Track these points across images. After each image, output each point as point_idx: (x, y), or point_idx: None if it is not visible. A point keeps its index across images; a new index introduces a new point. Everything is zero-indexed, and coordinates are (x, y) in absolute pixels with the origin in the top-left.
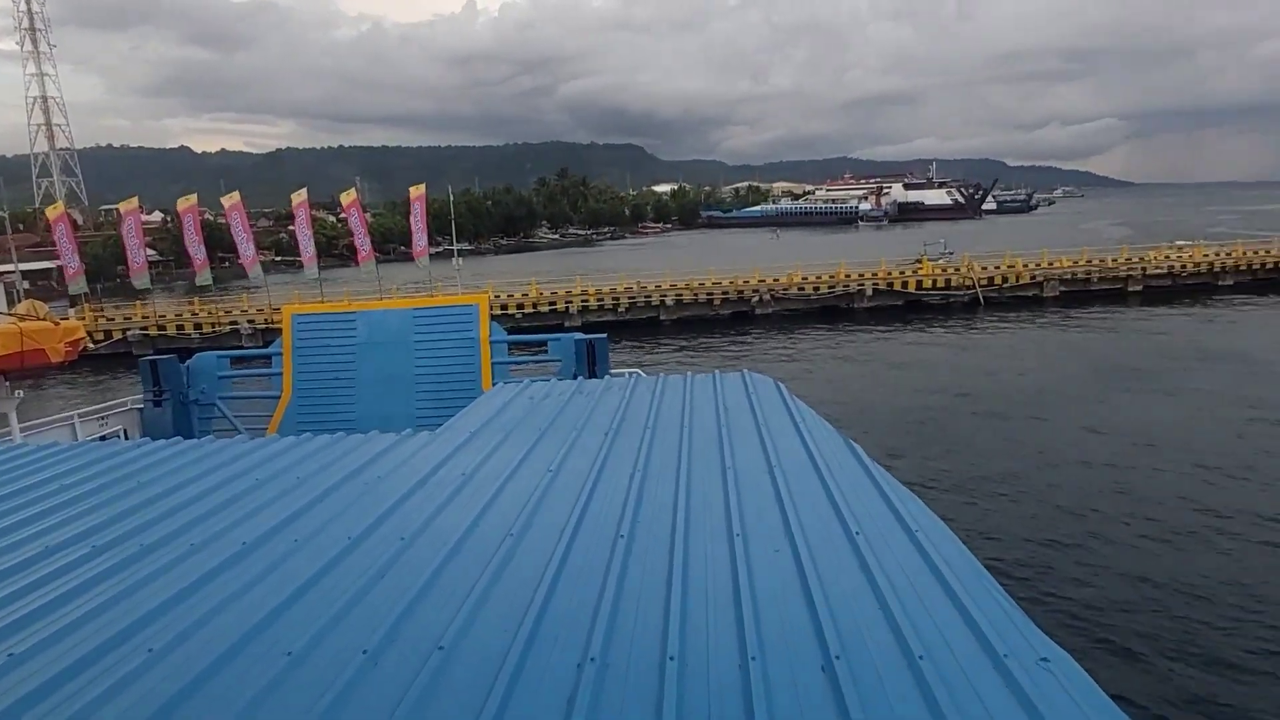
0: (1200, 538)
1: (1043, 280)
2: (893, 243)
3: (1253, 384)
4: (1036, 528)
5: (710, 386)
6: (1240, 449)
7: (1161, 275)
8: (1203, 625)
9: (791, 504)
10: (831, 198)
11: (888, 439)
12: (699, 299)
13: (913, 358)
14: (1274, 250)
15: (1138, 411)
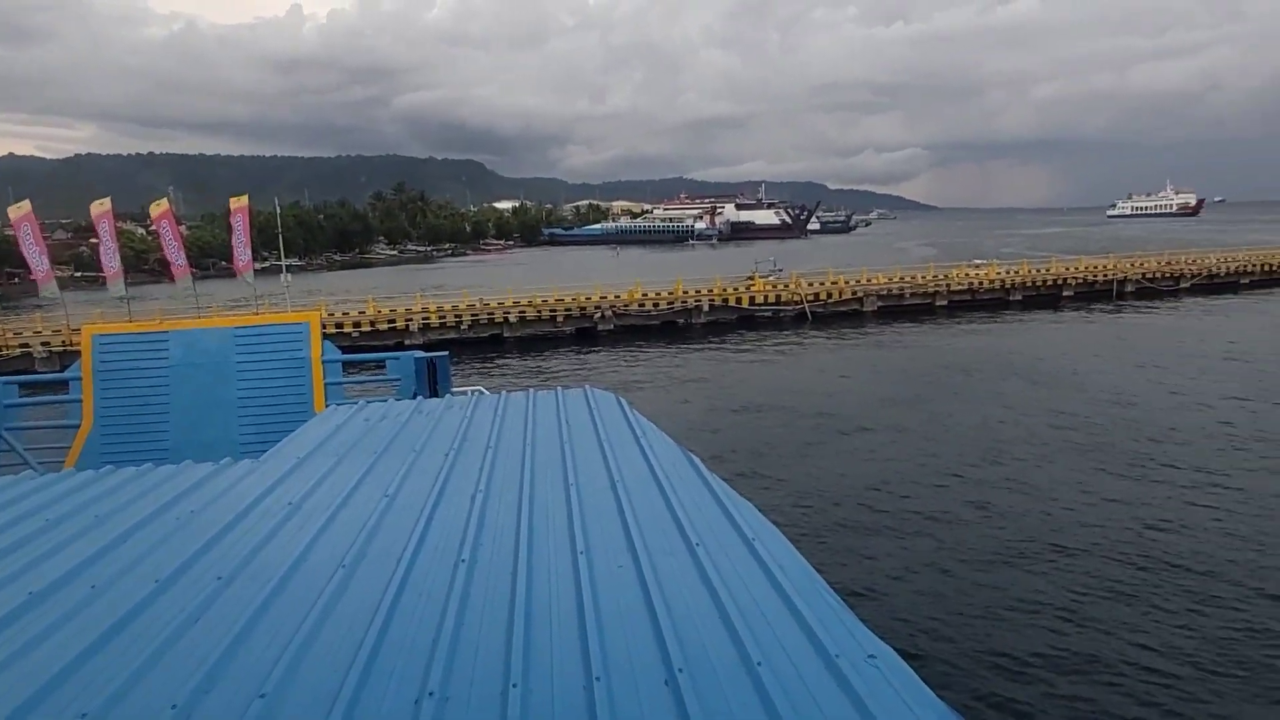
0: (997, 532)
1: (862, 296)
2: (727, 260)
3: (1041, 389)
4: (862, 527)
5: (553, 403)
6: (1030, 445)
7: (963, 291)
8: (1000, 622)
9: (634, 518)
10: (669, 217)
11: (726, 449)
12: (542, 316)
13: (748, 370)
14: (1053, 269)
15: (949, 413)
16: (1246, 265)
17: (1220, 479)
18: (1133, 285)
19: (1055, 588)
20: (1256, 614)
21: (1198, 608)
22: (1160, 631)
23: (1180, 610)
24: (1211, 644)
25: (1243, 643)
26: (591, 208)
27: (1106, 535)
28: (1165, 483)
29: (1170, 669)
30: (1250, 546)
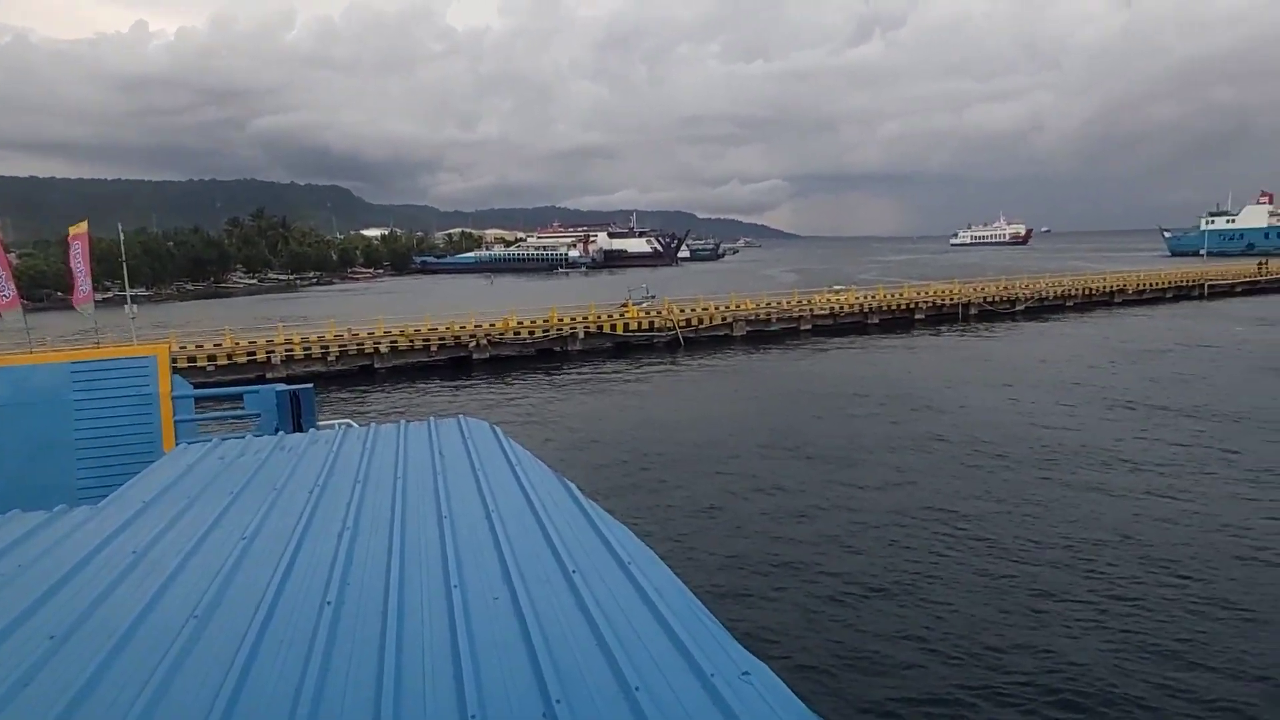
0: (864, 539)
1: (732, 321)
2: (601, 288)
3: (898, 405)
4: (733, 545)
5: (426, 434)
6: (889, 458)
7: (825, 315)
8: (872, 628)
9: (510, 548)
10: (542, 245)
11: (604, 474)
12: (415, 346)
13: (625, 396)
14: (905, 294)
15: (819, 430)
16: (1071, 289)
17: (1060, 480)
18: (976, 308)
19: (922, 600)
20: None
21: (1046, 590)
22: (1023, 626)
23: (1033, 596)
24: (1066, 627)
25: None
26: (464, 235)
27: (962, 531)
28: (1009, 482)
29: (1026, 666)
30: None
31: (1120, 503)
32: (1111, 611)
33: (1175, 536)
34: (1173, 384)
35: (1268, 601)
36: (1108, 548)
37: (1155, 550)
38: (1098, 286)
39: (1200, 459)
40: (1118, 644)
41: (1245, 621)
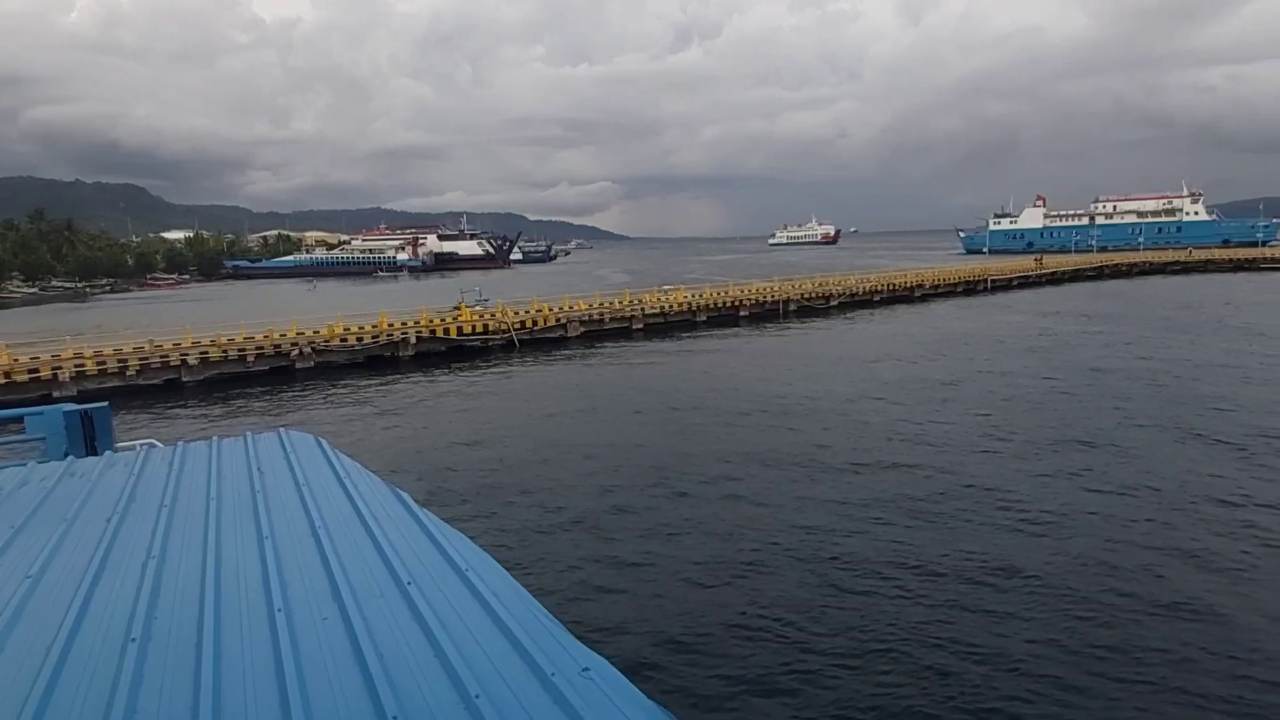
0: (698, 533)
1: (566, 321)
2: (432, 291)
3: (728, 399)
4: (574, 543)
5: (242, 450)
6: (721, 448)
7: (656, 315)
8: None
9: (339, 564)
10: (369, 248)
11: (441, 481)
12: (230, 356)
13: (461, 400)
14: (731, 292)
15: (654, 426)
16: (878, 285)
17: (881, 464)
18: (795, 304)
19: (752, 588)
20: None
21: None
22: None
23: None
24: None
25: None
26: (282, 238)
27: (788, 518)
28: (827, 465)
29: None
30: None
31: (918, 475)
32: (913, 579)
33: (955, 505)
34: (964, 369)
35: (1011, 548)
36: (907, 518)
37: (933, 512)
38: (900, 282)
39: (990, 435)
40: (931, 611)
41: (1006, 578)
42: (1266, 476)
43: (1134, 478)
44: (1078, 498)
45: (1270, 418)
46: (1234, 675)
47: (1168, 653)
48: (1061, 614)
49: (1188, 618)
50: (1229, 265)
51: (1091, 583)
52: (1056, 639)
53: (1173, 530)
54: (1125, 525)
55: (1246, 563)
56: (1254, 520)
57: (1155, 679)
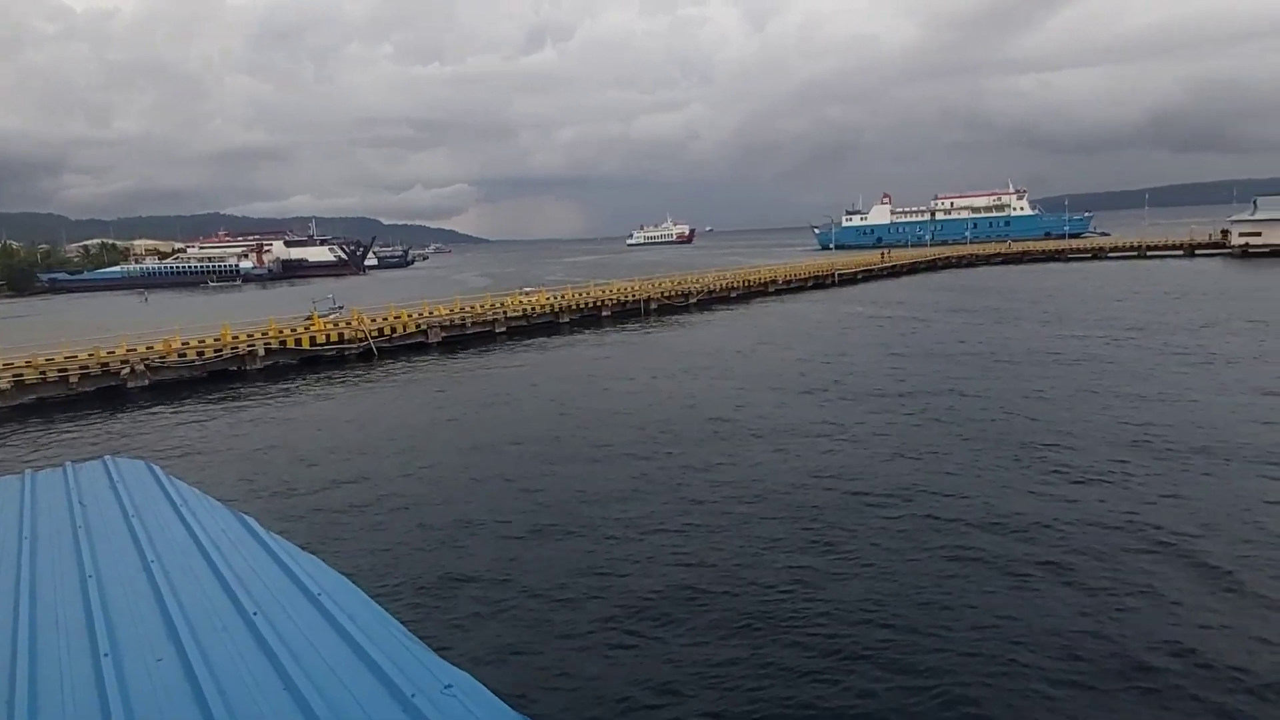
0: (581, 536)
1: (427, 328)
2: (281, 301)
3: (602, 399)
4: (438, 557)
5: (61, 482)
6: (596, 452)
7: (519, 317)
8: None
9: (175, 600)
10: (208, 256)
11: (294, 503)
12: (48, 378)
13: (315, 414)
14: (593, 293)
15: (519, 429)
16: (734, 282)
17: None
18: (656, 303)
19: (622, 590)
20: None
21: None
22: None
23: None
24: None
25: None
26: (106, 247)
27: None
28: (692, 458)
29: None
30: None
31: (778, 457)
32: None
33: (789, 481)
34: (813, 357)
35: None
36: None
37: (788, 491)
38: (755, 279)
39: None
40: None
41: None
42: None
43: (964, 451)
44: (908, 467)
45: (1071, 391)
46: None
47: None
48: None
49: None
50: (1043, 256)
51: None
52: (877, 596)
53: (989, 486)
54: (953, 496)
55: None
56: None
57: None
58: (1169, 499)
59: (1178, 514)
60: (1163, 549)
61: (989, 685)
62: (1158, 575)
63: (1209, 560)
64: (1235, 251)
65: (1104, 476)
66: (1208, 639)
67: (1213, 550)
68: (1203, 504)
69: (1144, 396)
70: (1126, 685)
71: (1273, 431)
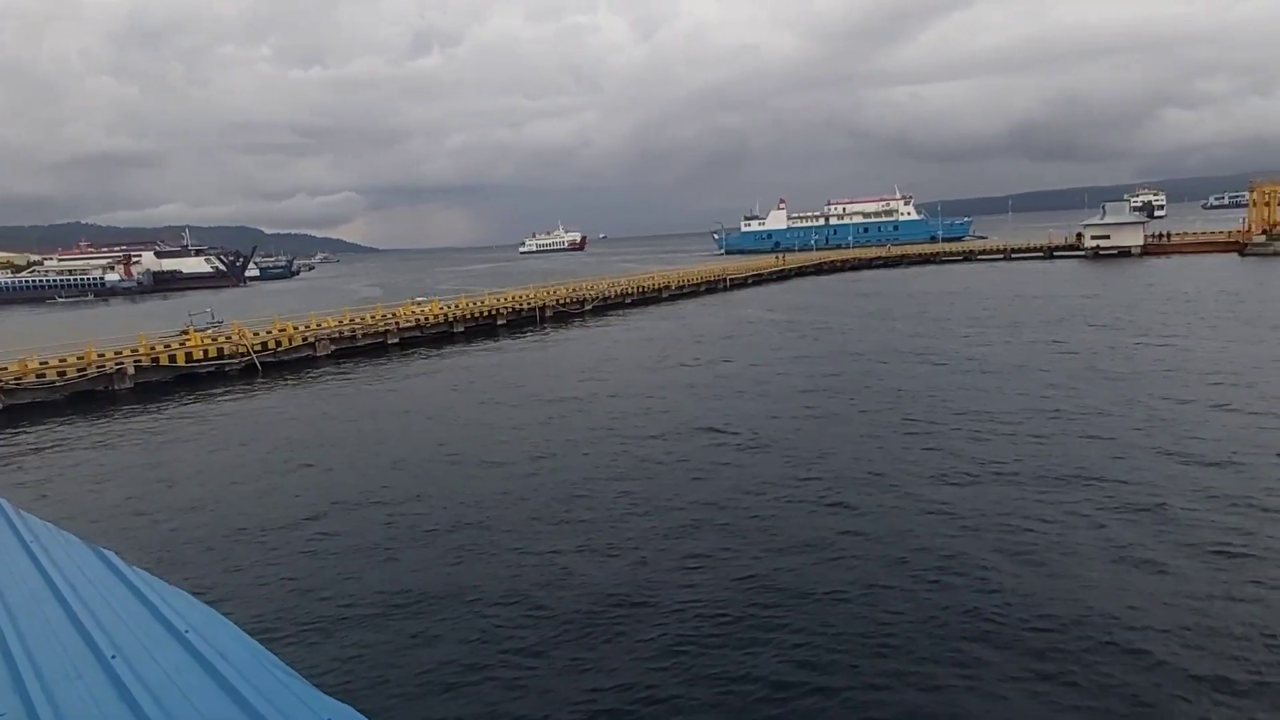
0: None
1: (314, 340)
2: (152, 315)
3: (500, 412)
4: (319, 584)
5: None
6: (497, 471)
7: (412, 328)
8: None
9: (21, 647)
10: (68, 268)
11: (163, 534)
12: None
13: (192, 435)
14: (487, 301)
15: (414, 444)
16: (629, 289)
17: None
18: (551, 310)
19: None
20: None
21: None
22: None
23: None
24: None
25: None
26: None
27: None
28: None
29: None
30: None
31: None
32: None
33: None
34: (705, 361)
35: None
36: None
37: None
38: (649, 285)
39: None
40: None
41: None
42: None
43: (829, 440)
44: (772, 460)
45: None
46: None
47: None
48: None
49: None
50: (919, 259)
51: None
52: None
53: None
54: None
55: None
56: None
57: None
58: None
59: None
60: (949, 511)
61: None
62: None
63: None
64: (1088, 254)
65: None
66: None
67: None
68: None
69: (999, 388)
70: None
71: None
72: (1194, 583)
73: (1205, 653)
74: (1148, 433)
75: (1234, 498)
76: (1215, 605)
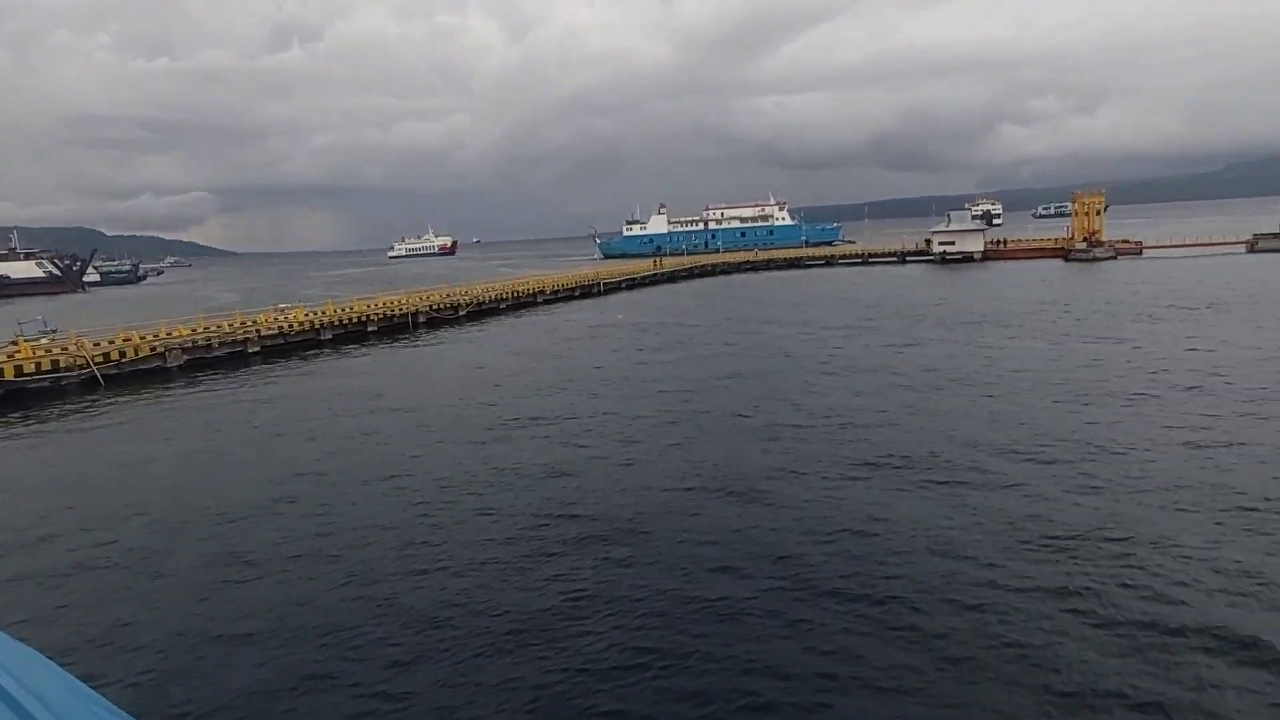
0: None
1: (165, 350)
2: None
3: (356, 419)
4: (149, 617)
5: None
6: (356, 471)
7: (275, 335)
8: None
9: None
10: None
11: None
12: None
13: (20, 456)
14: (356, 307)
15: (273, 466)
16: (504, 293)
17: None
18: (424, 316)
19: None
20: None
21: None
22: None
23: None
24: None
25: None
26: None
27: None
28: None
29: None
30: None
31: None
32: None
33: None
34: (578, 364)
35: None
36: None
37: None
38: (524, 289)
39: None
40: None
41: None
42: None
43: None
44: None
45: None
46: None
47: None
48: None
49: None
50: (785, 264)
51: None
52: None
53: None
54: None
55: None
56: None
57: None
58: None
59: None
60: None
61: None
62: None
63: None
64: (937, 258)
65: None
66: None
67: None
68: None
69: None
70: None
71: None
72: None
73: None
74: (993, 429)
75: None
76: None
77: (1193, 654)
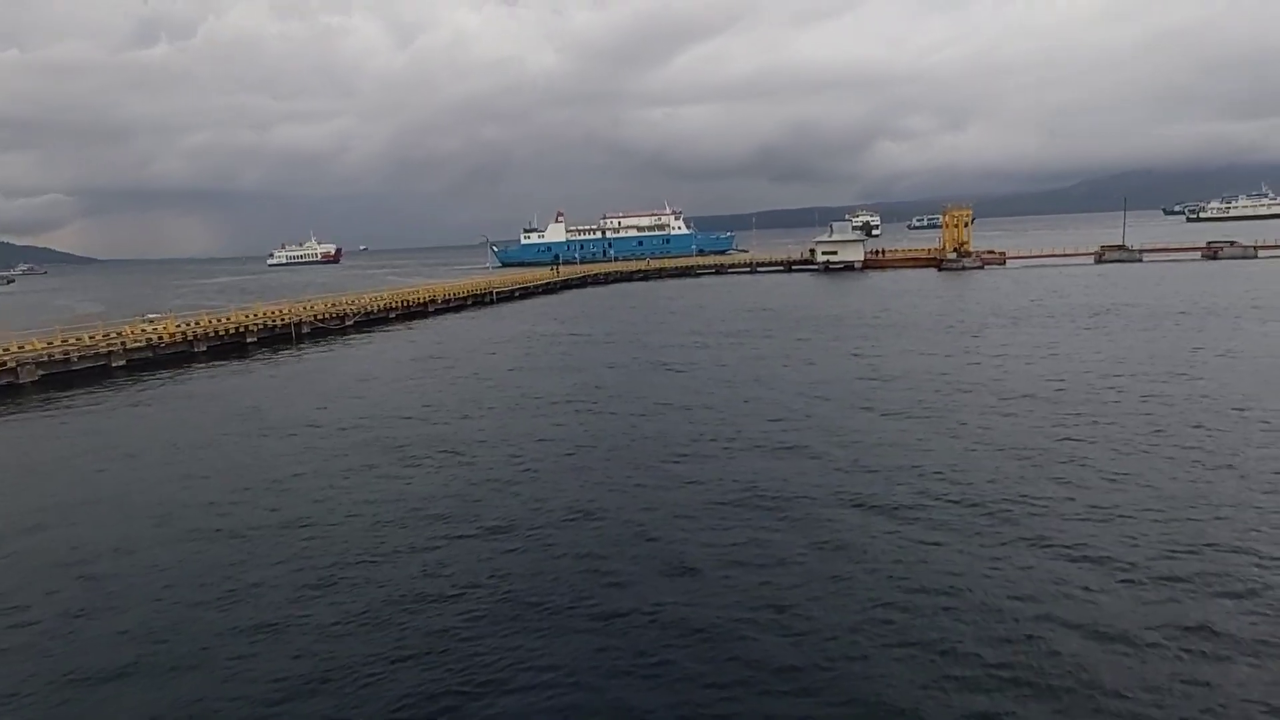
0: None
1: (16, 365)
2: None
3: (229, 442)
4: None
5: None
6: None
7: (143, 348)
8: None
9: None
10: None
11: None
12: None
13: None
14: (234, 318)
15: (158, 493)
16: (393, 302)
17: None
18: (308, 326)
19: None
20: None
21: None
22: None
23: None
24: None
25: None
26: None
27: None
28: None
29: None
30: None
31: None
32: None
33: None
34: (490, 369)
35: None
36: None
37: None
38: (414, 298)
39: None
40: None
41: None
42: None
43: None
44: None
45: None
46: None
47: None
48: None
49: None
50: (676, 272)
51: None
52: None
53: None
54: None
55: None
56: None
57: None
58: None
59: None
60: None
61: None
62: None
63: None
64: (820, 267)
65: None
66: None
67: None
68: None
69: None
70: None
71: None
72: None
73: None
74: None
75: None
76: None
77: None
